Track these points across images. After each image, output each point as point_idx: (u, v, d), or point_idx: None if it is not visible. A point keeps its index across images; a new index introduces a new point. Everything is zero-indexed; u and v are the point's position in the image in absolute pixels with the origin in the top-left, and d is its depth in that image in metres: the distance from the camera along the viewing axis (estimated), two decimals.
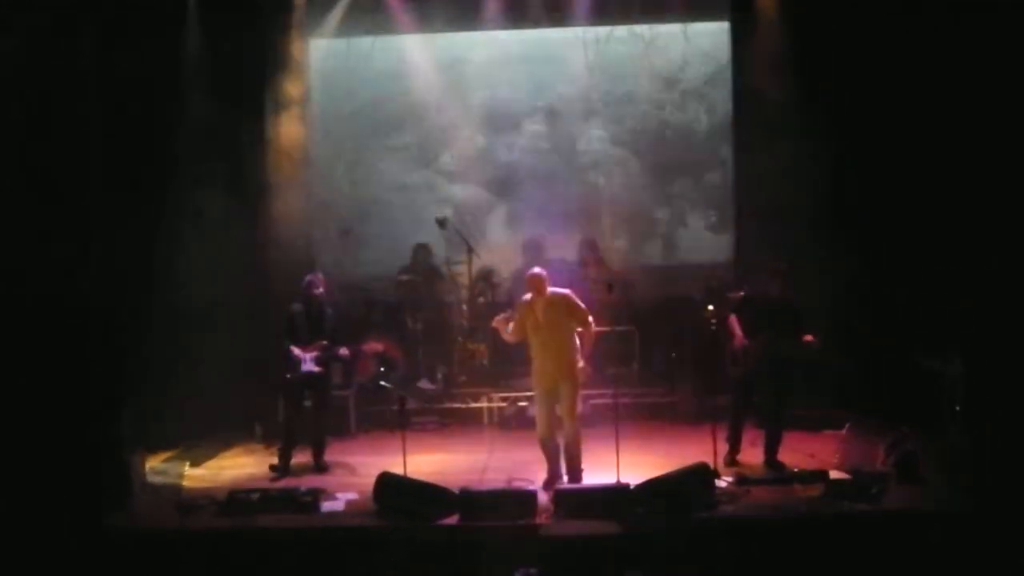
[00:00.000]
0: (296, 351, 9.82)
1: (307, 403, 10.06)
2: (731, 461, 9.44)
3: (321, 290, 10.04)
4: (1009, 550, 7.78)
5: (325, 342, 9.89)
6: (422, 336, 12.11)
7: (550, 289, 9.08)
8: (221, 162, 11.47)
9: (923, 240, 10.76)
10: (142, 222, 10.62)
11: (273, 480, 9.60)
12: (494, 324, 9.32)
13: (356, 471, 9.78)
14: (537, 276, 9.13)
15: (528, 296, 9.13)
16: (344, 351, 9.99)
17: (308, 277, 10.10)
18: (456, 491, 8.46)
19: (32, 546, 8.12)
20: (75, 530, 8.25)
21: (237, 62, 11.70)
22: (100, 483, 8.69)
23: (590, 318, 9.14)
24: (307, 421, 10.03)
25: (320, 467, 9.92)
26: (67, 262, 9.02)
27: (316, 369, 9.89)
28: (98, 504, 8.58)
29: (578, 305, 9.11)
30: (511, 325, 9.17)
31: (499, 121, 13.34)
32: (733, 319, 9.58)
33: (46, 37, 9.05)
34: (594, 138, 13.33)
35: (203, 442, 10.58)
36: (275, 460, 9.93)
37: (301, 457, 10.07)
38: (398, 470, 8.83)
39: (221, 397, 10.85)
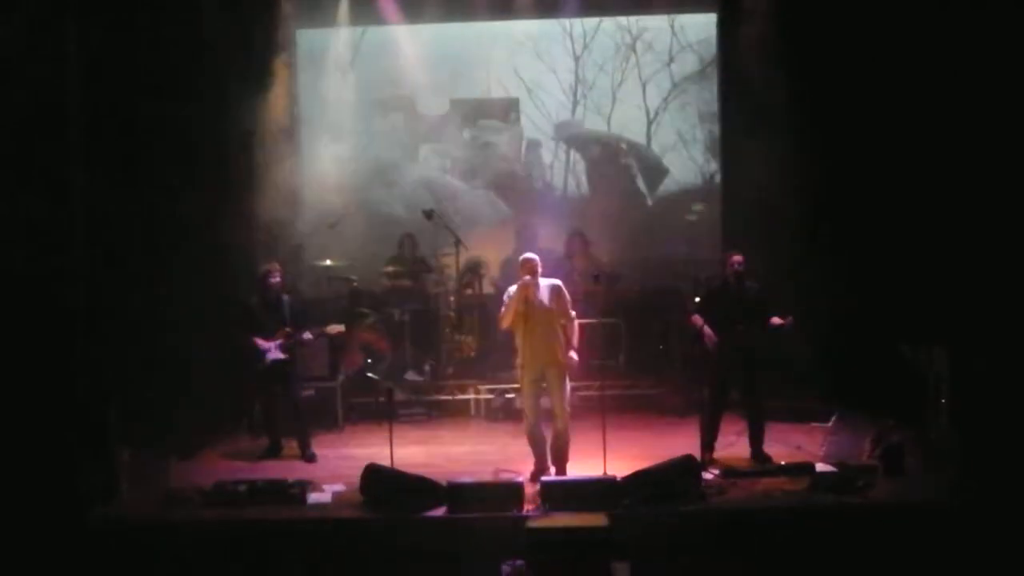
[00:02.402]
0: (260, 342, 9.90)
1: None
2: (709, 461, 9.23)
3: (278, 279, 10.11)
4: (994, 543, 7.82)
5: (288, 329, 9.95)
6: (409, 328, 12.10)
7: (541, 278, 9.09)
8: (208, 155, 11.42)
9: (912, 234, 10.78)
10: (127, 215, 10.57)
11: (262, 459, 9.88)
12: (514, 291, 9.15)
13: (343, 463, 9.76)
14: (532, 260, 9.12)
15: (522, 281, 9.08)
16: (308, 335, 10.04)
17: (264, 267, 10.18)
18: (443, 483, 8.47)
19: (17, 540, 8.09)
20: (60, 524, 8.22)
21: (224, 53, 11.63)
22: (86, 476, 8.67)
23: (573, 313, 9.15)
24: (285, 412, 10.11)
25: (307, 457, 9.95)
26: (52, 257, 8.96)
27: (281, 356, 9.95)
28: (83, 497, 8.55)
29: (565, 297, 9.11)
30: (503, 310, 9.13)
31: (486, 113, 13.34)
32: (696, 317, 9.54)
33: (28, 28, 8.97)
34: (581, 131, 13.34)
35: (190, 434, 10.53)
36: (261, 453, 10.09)
37: (287, 449, 10.09)
38: (385, 462, 8.83)
39: (208, 389, 10.81)
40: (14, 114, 8.81)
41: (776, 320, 9.26)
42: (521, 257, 9.24)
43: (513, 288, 9.07)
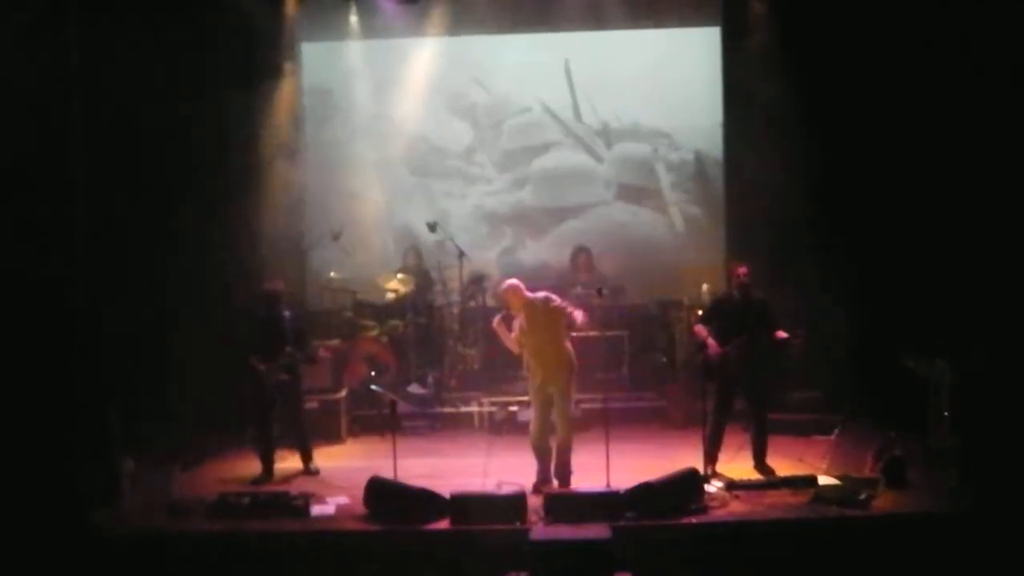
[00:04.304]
0: (258, 365, 9.74)
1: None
2: (712, 474, 9.21)
3: (281, 296, 10.04)
4: (996, 551, 7.81)
5: (289, 348, 9.84)
6: (412, 340, 12.11)
7: (529, 295, 9.09)
8: (209, 159, 11.46)
9: (914, 243, 10.80)
10: (129, 219, 10.60)
11: (255, 485, 9.56)
12: (494, 326, 9.29)
13: (347, 475, 9.75)
14: (509, 290, 9.13)
15: (508, 312, 9.17)
16: (324, 352, 10.01)
17: (268, 286, 10.12)
18: (446, 495, 8.47)
19: (18, 547, 8.10)
20: (60, 526, 8.23)
21: (228, 58, 11.68)
22: (86, 478, 8.68)
23: (572, 312, 9.08)
24: (286, 428, 10.03)
25: (310, 471, 9.92)
26: (53, 260, 8.99)
27: (283, 377, 9.85)
28: (83, 499, 8.57)
29: (557, 308, 9.06)
30: (512, 335, 9.15)
31: (491, 125, 13.36)
32: (700, 328, 9.56)
33: (30, 35, 9.00)
34: (585, 141, 13.35)
35: (194, 444, 10.55)
36: (253, 479, 9.80)
37: (291, 462, 10.08)
38: (389, 474, 8.84)
39: (212, 399, 10.82)
40: (15, 116, 8.83)
41: (782, 334, 9.25)
42: (500, 288, 9.34)
43: (509, 312, 9.13)
